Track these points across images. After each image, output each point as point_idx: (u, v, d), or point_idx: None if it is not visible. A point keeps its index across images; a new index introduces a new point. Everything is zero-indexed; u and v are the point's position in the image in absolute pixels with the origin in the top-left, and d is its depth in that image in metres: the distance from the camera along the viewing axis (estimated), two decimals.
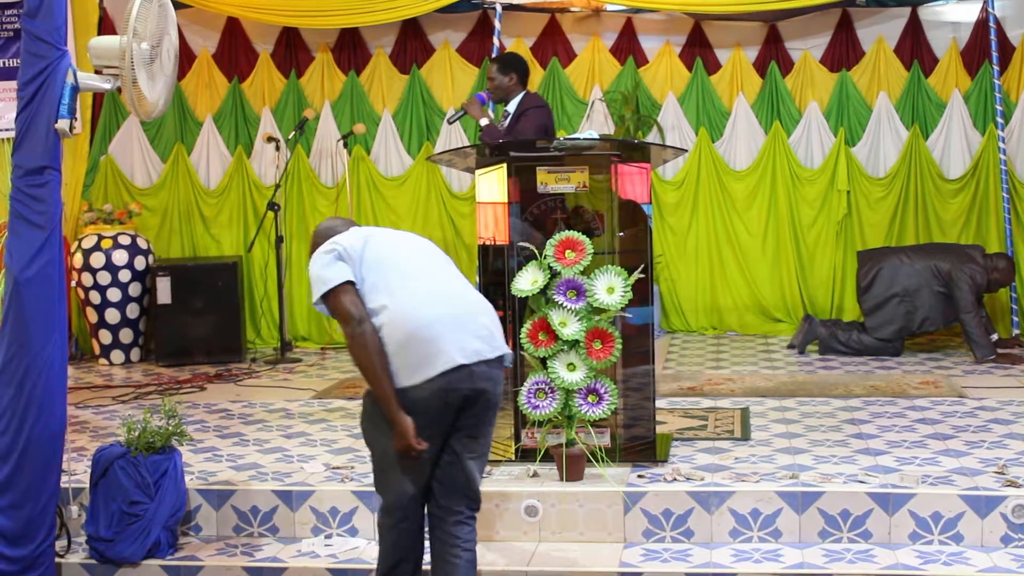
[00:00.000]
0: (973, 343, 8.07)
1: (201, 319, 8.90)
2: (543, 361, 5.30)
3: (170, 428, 5.26)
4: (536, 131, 7.10)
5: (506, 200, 5.67)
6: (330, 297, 4.16)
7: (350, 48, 9.82)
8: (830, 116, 9.44)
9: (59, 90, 4.69)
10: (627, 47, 9.71)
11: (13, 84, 5.53)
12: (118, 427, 5.51)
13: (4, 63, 8.96)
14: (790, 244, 9.47)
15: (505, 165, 5.69)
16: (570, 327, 5.22)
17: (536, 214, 5.67)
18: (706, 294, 9.63)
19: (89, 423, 6.92)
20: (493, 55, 9.32)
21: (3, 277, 5.02)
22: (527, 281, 5.30)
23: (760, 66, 9.57)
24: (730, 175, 9.57)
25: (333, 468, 5.71)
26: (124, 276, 9.00)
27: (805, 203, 9.46)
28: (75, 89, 4.72)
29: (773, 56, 9.55)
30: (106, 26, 9.37)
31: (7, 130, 8.41)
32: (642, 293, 5.57)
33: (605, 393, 5.28)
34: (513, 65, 7.47)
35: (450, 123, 8.17)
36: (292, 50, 9.84)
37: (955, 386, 7.31)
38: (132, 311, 9.10)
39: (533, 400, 5.29)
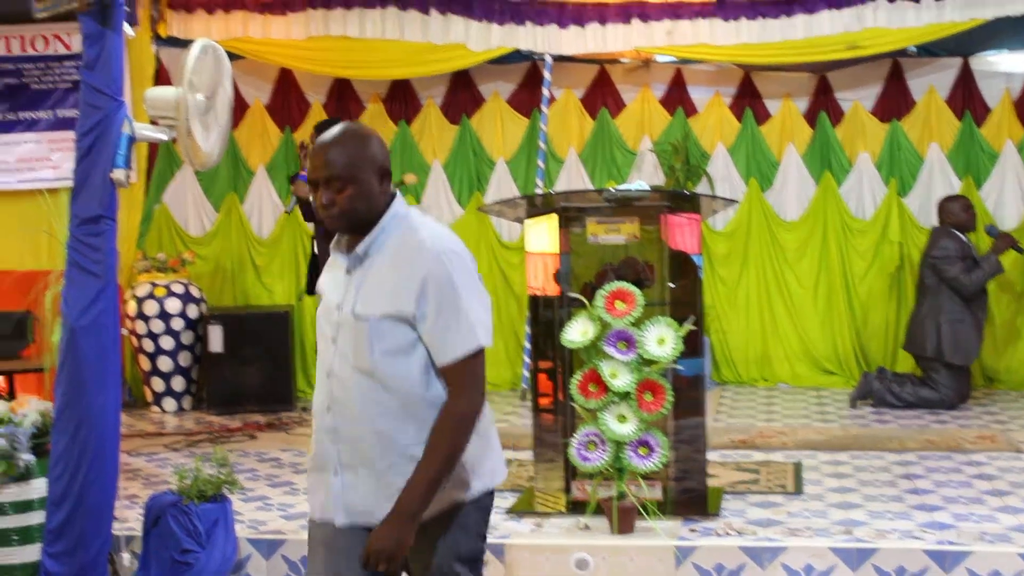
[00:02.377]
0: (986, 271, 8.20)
1: (252, 368, 8.93)
2: (594, 413, 5.26)
3: (221, 476, 5.26)
4: None
5: (556, 251, 5.66)
6: (478, 354, 3.13)
7: (401, 98, 9.89)
8: (881, 167, 9.37)
9: (116, 140, 4.74)
10: (677, 98, 9.71)
11: (70, 134, 5.60)
12: (170, 475, 5.52)
13: (62, 114, 9.10)
14: (842, 295, 9.39)
15: (555, 216, 5.69)
16: (621, 378, 5.18)
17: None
18: (757, 345, 9.55)
19: (141, 470, 6.95)
20: (543, 106, 9.35)
21: (59, 325, 5.05)
22: (577, 332, 5.27)
23: (810, 116, 9.54)
24: (781, 226, 9.51)
25: None
26: (177, 324, 9.06)
27: (857, 254, 9.38)
28: (131, 139, 4.76)
29: (823, 106, 9.51)
30: (162, 77, 9.49)
31: (65, 179, 8.50)
32: (693, 344, 5.53)
33: (656, 445, 5.23)
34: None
35: (288, 213, 7.96)
36: (344, 101, 9.92)
37: (1012, 440, 7.18)
38: (184, 359, 9.15)
39: (584, 452, 5.25)
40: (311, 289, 8.43)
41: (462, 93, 9.86)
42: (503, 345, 9.70)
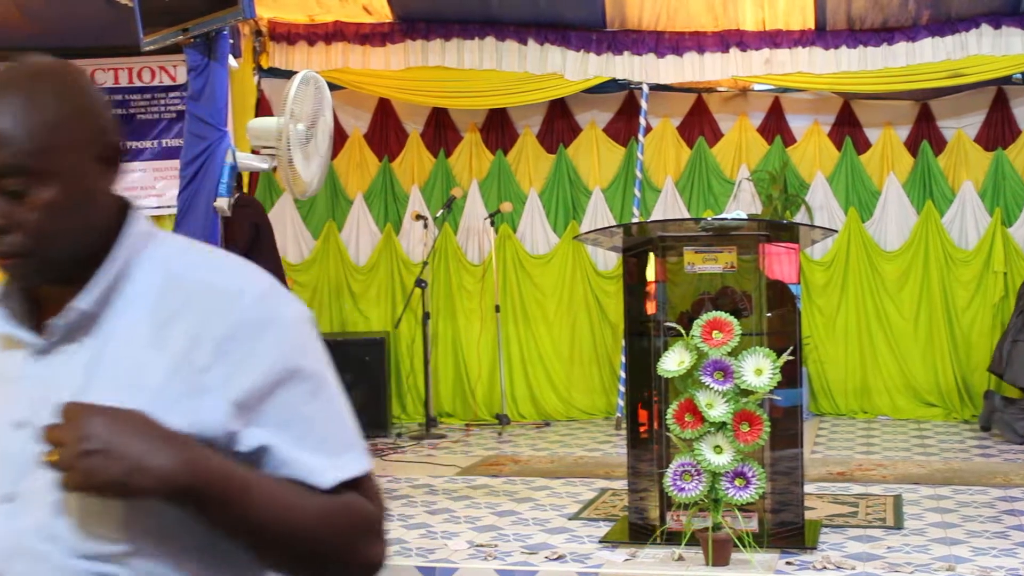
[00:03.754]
0: None
1: (348, 394, 8.92)
2: (689, 443, 5.22)
3: None
4: (249, 228, 7.13)
5: (652, 279, 5.64)
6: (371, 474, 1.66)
7: (498, 128, 9.95)
8: (985, 196, 9.21)
9: (219, 170, 4.83)
10: (775, 126, 9.64)
11: (175, 163, 5.72)
12: None
13: (166, 143, 9.30)
14: (944, 326, 9.22)
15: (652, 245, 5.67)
16: (717, 409, 5.13)
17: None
18: (856, 377, 9.41)
19: None
20: (639, 135, 9.34)
21: None
22: (674, 362, 5.24)
23: (912, 145, 9.41)
24: (881, 256, 9.38)
25: (477, 546, 5.69)
26: None
27: (959, 284, 9.21)
28: (234, 169, 4.85)
29: (925, 135, 9.37)
30: (263, 107, 9.67)
31: (168, 207, 8.71)
32: (790, 375, 5.46)
33: (753, 476, 5.17)
34: None
35: None
36: (441, 130, 10.01)
37: None
38: None
39: (679, 482, 5.20)
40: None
41: (559, 122, 9.90)
42: (598, 374, 9.69)
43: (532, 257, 9.81)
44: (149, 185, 9.25)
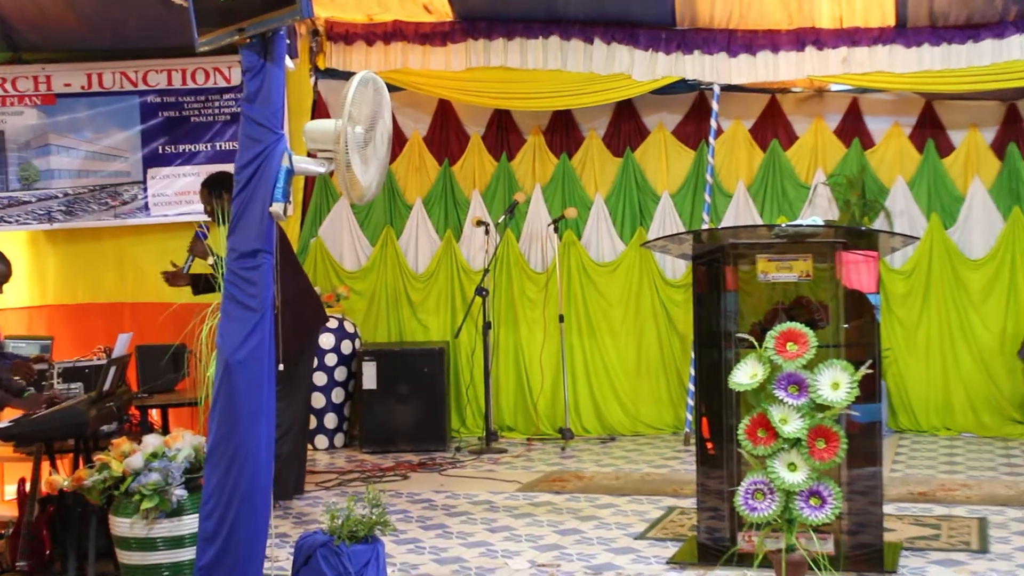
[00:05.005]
0: None
1: (406, 405, 9.04)
2: (762, 460, 5.17)
3: (374, 517, 5.30)
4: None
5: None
6: None
7: (562, 130, 9.94)
8: None
9: (274, 173, 4.82)
10: (852, 128, 9.55)
11: (229, 167, 5.75)
12: (321, 514, 5.60)
13: (221, 146, 9.39)
14: None
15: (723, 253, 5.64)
16: (791, 424, 5.08)
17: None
18: (938, 392, 9.29)
19: (292, 508, 7.07)
20: (710, 137, 9.29)
21: (214, 359, 5.16)
22: (746, 375, 5.19)
23: (998, 148, 9.28)
24: (965, 264, 9.25)
25: (539, 565, 5.67)
26: (330, 360, 9.24)
27: None
28: (290, 172, 4.85)
29: (1012, 137, 9.24)
30: (320, 109, 9.74)
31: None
32: (869, 389, 5.40)
33: (829, 496, 5.11)
34: (224, 184, 6.90)
35: (185, 273, 7.41)
36: (503, 132, 10.02)
37: None
38: (337, 396, 9.32)
39: (751, 501, 5.15)
40: None
41: (625, 124, 9.87)
42: (666, 386, 9.64)
43: (597, 265, 9.78)
44: None
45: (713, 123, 9.37)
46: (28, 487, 5.86)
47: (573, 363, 9.69)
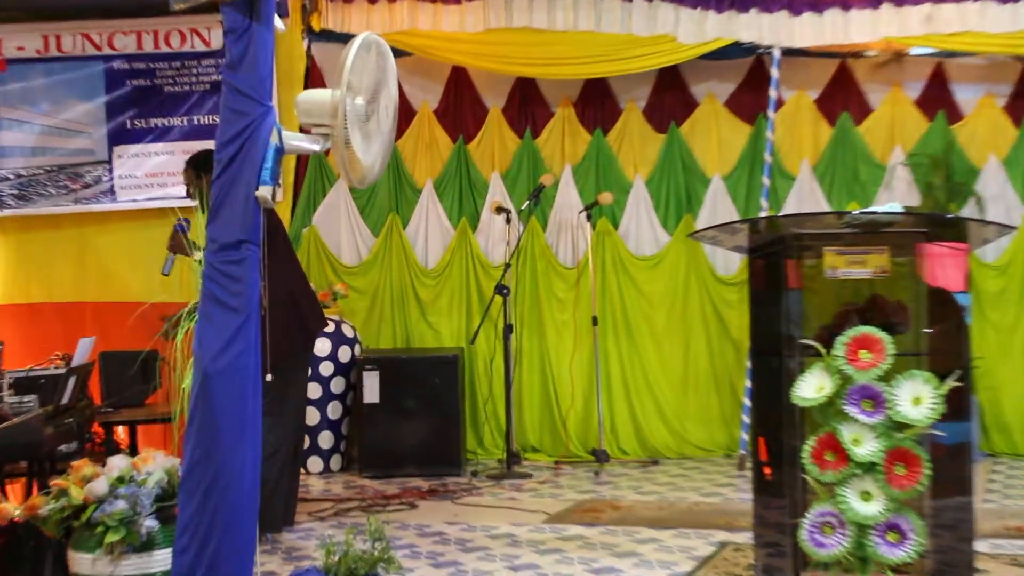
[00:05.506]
0: None
1: (414, 422, 9.05)
2: (830, 487, 5.16)
3: (376, 553, 5.32)
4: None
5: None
6: None
7: (596, 102, 9.94)
8: None
9: (261, 152, 4.84)
10: (937, 99, 9.54)
11: (209, 144, 5.76)
12: (315, 548, 5.61)
13: (199, 120, 9.42)
14: None
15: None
16: (865, 446, 5.07)
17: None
18: None
19: (281, 543, 7.09)
20: (769, 110, 9.27)
21: (191, 368, 5.17)
22: (811, 387, 5.18)
23: None
24: None
25: None
26: (325, 369, 9.26)
27: None
28: (279, 151, 4.86)
29: None
30: (314, 78, 9.76)
31: None
32: (957, 405, 5.38)
33: (909, 530, 5.10)
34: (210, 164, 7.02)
35: (166, 274, 7.35)
36: (527, 104, 10.03)
37: None
38: (333, 411, 9.35)
39: (818, 536, 5.14)
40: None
41: (670, 95, 9.87)
42: (717, 402, 9.64)
43: (637, 259, 9.78)
44: (177, 170, 9.33)
45: (772, 93, 9.35)
46: None
47: (608, 373, 9.69)
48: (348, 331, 9.49)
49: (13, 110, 9.49)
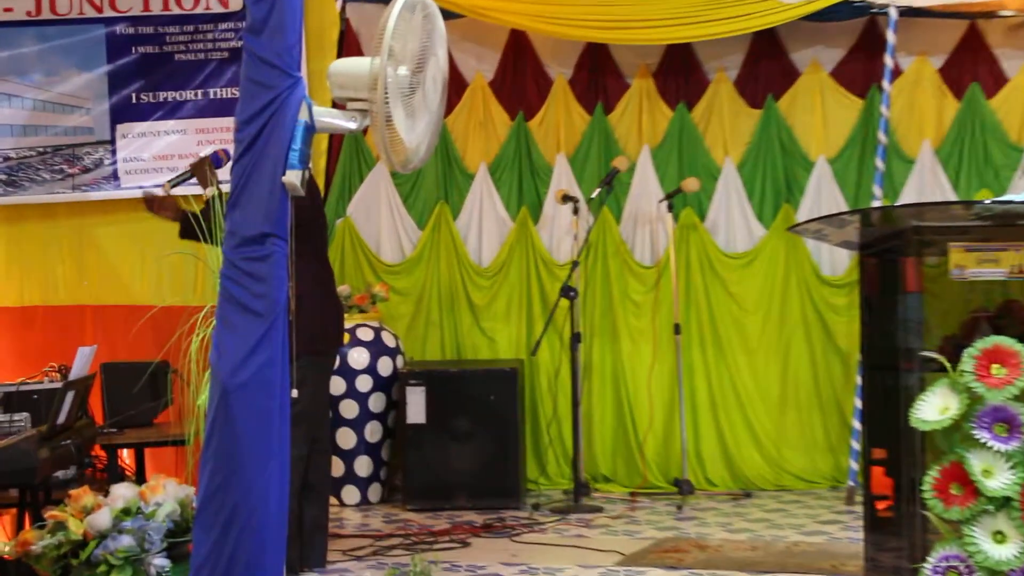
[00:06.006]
0: None
1: (466, 447, 9.06)
2: (957, 526, 5.13)
3: None
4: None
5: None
6: None
7: (679, 72, 9.92)
8: None
9: (289, 131, 4.85)
10: None
11: (228, 122, 5.78)
12: None
13: (215, 94, 9.45)
14: None
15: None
16: (998, 477, 5.03)
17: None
18: None
19: None
20: (884, 81, 9.22)
21: (208, 382, 5.20)
22: (934, 408, 5.15)
23: None
24: None
25: None
26: (363, 384, 9.28)
27: None
28: (310, 130, 4.87)
29: None
30: (350, 44, 9.78)
31: (221, 183, 8.84)
32: None
33: None
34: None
35: (165, 190, 7.24)
36: (598, 75, 10.02)
37: None
38: (372, 433, 9.37)
39: None
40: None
41: (766, 63, 9.84)
42: (821, 424, 9.59)
43: (727, 256, 9.75)
44: (190, 152, 9.38)
45: (888, 61, 9.30)
46: None
47: (693, 390, 9.67)
48: (389, 340, 9.51)
49: (0, 82, 9.54)
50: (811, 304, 9.63)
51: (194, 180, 7.04)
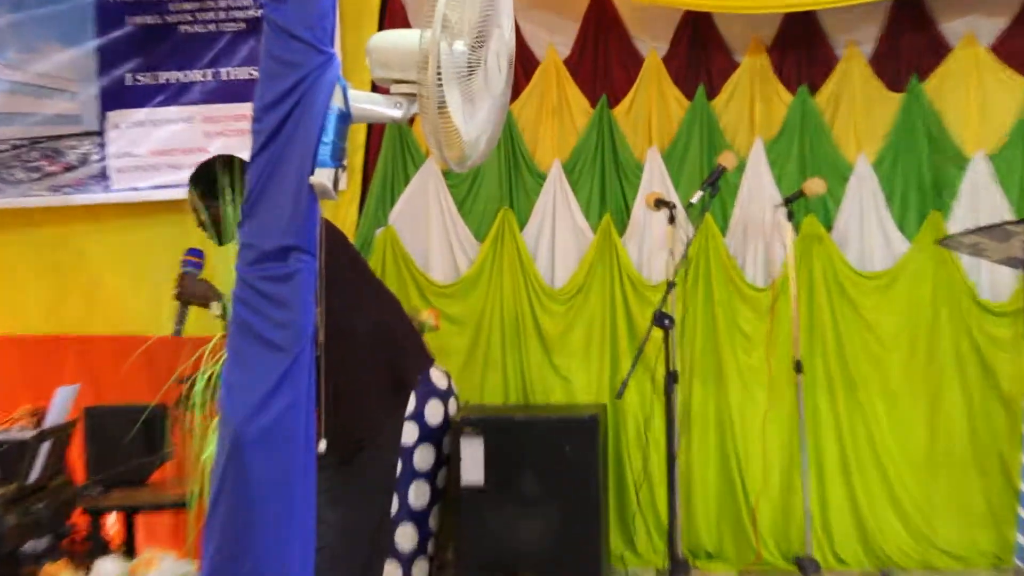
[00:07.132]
0: None
1: (534, 513, 9.04)
2: None
3: None
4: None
5: None
6: None
7: (801, 47, 9.91)
8: None
9: (319, 120, 4.85)
10: None
11: (244, 109, 5.79)
12: None
13: (228, 74, 9.48)
14: None
15: None
16: None
17: None
18: None
19: None
20: None
21: (215, 430, 5.21)
22: None
23: None
24: None
25: None
26: (407, 434, 9.29)
27: None
28: (345, 118, 4.88)
29: None
30: (393, 14, 9.82)
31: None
32: None
33: None
34: (225, 174, 7.18)
35: (178, 335, 7.30)
36: (699, 51, 10.02)
37: None
38: (417, 495, 9.36)
39: None
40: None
41: (909, 36, 9.81)
42: (981, 488, 9.52)
43: (861, 276, 9.71)
44: (197, 147, 9.45)
45: None
46: None
47: (819, 444, 9.63)
48: (440, 379, 9.50)
49: None
50: (967, 336, 9.56)
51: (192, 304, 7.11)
